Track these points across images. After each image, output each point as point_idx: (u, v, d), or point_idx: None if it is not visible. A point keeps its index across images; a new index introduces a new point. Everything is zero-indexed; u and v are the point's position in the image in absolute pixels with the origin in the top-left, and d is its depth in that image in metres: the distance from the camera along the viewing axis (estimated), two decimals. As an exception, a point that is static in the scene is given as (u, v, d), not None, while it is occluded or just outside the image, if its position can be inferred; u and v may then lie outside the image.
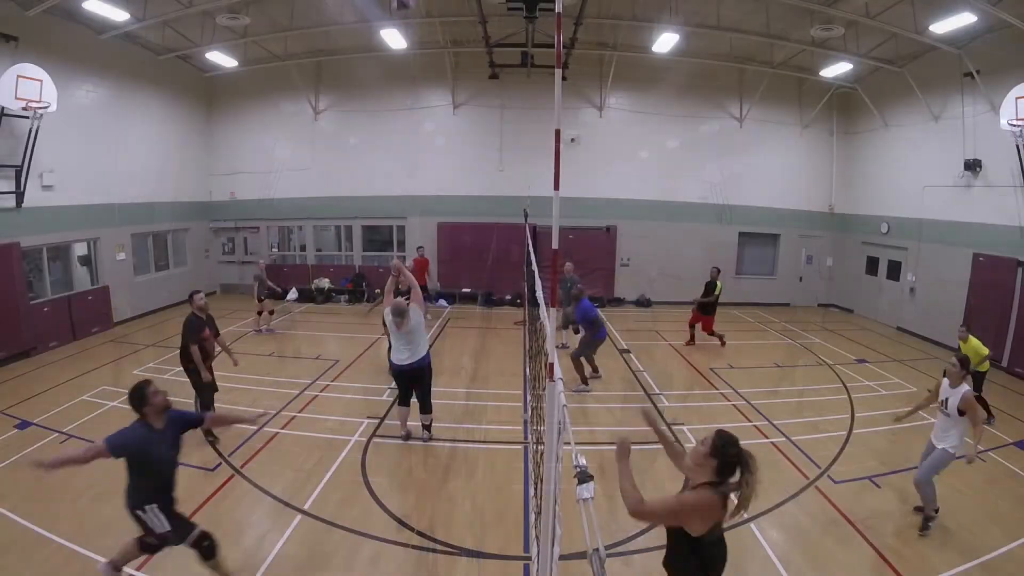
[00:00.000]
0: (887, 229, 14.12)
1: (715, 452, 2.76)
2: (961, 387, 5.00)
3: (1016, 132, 9.78)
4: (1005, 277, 10.54)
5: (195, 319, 6.72)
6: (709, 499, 2.70)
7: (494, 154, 15.64)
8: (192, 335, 6.63)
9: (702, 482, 2.78)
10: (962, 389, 4.98)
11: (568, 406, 2.58)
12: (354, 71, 15.42)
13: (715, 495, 2.71)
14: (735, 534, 5.07)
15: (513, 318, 14.01)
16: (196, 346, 6.62)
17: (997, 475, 6.29)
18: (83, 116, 11.76)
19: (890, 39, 11.85)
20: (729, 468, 2.75)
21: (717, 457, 2.75)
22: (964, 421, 4.96)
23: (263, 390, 8.58)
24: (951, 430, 5.03)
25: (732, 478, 2.76)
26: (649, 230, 15.73)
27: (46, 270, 11.24)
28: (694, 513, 2.71)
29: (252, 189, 16.27)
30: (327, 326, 13.06)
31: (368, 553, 4.75)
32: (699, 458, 2.80)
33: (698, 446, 2.86)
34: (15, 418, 7.41)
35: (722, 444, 2.76)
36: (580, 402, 8.22)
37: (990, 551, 4.84)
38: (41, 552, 4.61)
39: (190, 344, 6.61)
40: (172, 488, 4.02)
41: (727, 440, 2.78)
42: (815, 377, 9.81)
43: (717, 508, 2.70)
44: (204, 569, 4.16)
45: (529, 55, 13.10)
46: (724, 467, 2.75)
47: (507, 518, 5.28)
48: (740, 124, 15.72)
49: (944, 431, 5.09)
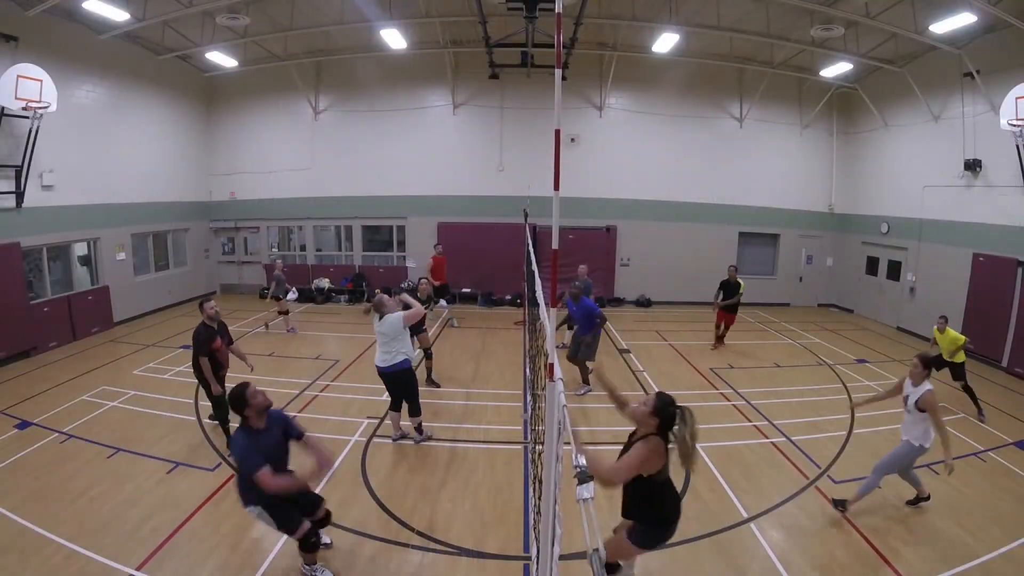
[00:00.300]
0: (887, 229, 14.12)
1: (656, 411, 3.44)
2: (923, 386, 5.08)
3: (1016, 132, 9.78)
4: (1005, 277, 10.55)
5: (204, 329, 6.37)
6: (656, 443, 3.40)
7: (494, 154, 15.64)
8: (201, 347, 6.30)
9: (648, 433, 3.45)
10: (923, 388, 5.06)
11: (568, 406, 2.58)
12: (354, 71, 15.43)
13: (660, 440, 3.41)
14: (735, 534, 5.09)
15: (513, 318, 14.01)
16: (206, 358, 6.30)
17: (997, 475, 6.29)
18: (83, 116, 11.77)
19: (890, 39, 11.85)
20: (668, 423, 3.44)
21: (658, 416, 3.43)
22: (928, 418, 5.03)
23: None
24: (916, 425, 5.14)
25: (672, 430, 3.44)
26: (649, 230, 15.73)
27: (46, 270, 11.24)
28: (651, 456, 3.36)
29: (252, 189, 16.28)
30: (327, 326, 13.06)
31: (368, 553, 4.75)
32: (643, 416, 3.49)
33: (640, 405, 3.54)
34: (15, 418, 7.41)
35: (662, 405, 3.46)
36: (580, 402, 8.23)
37: (990, 551, 4.84)
38: (41, 552, 4.61)
39: (200, 356, 6.29)
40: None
41: (666, 400, 3.48)
42: (815, 377, 9.81)
43: (663, 450, 3.41)
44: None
45: (529, 55, 13.10)
46: (664, 423, 3.44)
47: (507, 518, 5.29)
48: (740, 124, 15.72)
49: (909, 427, 5.23)
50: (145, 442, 6.73)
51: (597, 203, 15.57)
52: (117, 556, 4.55)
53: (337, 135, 15.86)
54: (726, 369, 10.10)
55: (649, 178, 15.71)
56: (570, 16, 10.94)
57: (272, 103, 15.99)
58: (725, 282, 11.52)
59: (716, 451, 6.75)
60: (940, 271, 12.29)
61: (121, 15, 10.62)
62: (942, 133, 12.25)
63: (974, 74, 11.00)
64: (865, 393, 8.61)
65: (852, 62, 12.91)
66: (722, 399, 8.60)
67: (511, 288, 15.56)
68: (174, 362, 9.96)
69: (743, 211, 15.89)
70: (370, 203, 16.02)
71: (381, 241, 16.88)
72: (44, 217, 10.90)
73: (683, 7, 11.84)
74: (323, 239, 17.31)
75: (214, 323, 6.49)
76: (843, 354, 11.30)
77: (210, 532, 4.95)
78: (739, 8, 11.85)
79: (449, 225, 15.75)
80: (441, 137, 15.67)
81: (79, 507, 5.31)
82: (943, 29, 10.30)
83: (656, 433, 3.43)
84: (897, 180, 13.77)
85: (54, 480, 5.75)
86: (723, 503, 5.62)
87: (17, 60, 9.68)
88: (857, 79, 14.34)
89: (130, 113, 13.18)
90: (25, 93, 9.54)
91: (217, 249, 16.91)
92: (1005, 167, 10.59)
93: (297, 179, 16.04)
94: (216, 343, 6.45)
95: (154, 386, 8.56)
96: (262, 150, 16.17)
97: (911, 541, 5.01)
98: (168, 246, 15.12)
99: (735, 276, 11.54)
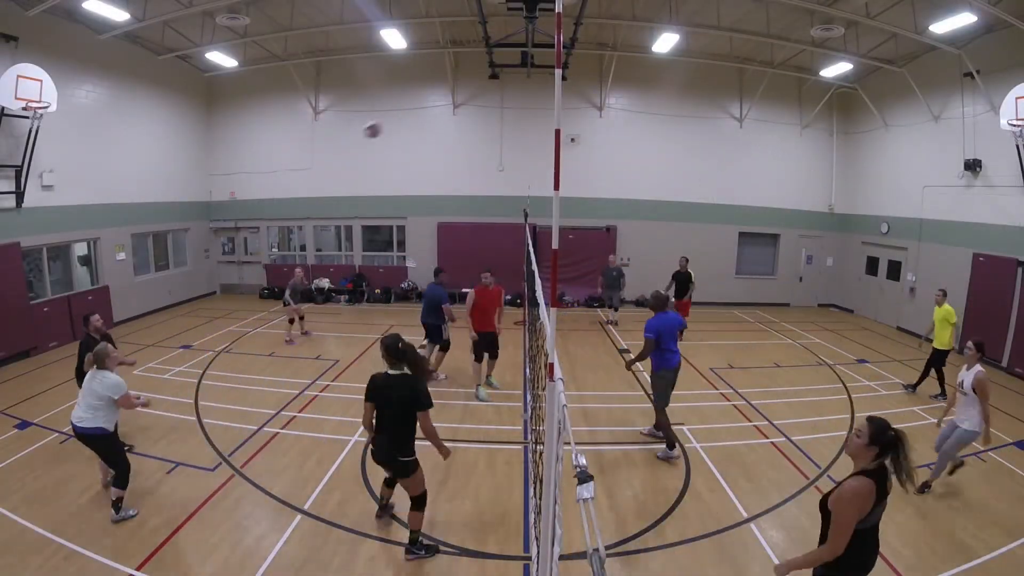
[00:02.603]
0: (887, 229, 14.12)
1: (873, 440, 2.92)
2: (975, 368, 5.39)
3: (1016, 132, 9.78)
4: (1005, 277, 10.54)
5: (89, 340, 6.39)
6: (866, 484, 2.88)
7: (494, 154, 15.65)
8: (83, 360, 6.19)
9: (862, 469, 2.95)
10: (975, 369, 5.38)
11: (568, 406, 2.58)
12: (354, 71, 15.43)
13: (870, 481, 2.88)
14: (736, 534, 5.08)
15: (513, 318, 14.01)
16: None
17: (997, 475, 6.29)
18: (83, 116, 11.77)
19: (890, 39, 11.85)
20: (888, 452, 2.93)
21: (876, 444, 2.92)
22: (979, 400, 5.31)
23: (263, 390, 8.58)
24: (970, 408, 5.39)
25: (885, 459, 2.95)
26: (649, 230, 15.74)
27: (46, 270, 11.25)
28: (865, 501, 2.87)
29: (252, 189, 16.29)
30: (327, 326, 13.06)
31: (368, 553, 4.75)
32: (858, 449, 2.96)
33: (854, 437, 3.00)
34: (15, 418, 7.41)
35: (878, 431, 2.93)
36: (580, 402, 8.22)
37: (990, 551, 4.84)
38: (41, 552, 4.60)
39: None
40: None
41: (882, 426, 2.95)
42: (815, 377, 9.81)
43: (874, 491, 2.88)
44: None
45: (529, 55, 13.10)
46: (884, 452, 2.93)
47: (507, 518, 5.28)
48: (740, 124, 15.73)
49: (964, 410, 5.47)
50: (145, 442, 6.73)
51: (597, 203, 15.57)
52: (117, 556, 4.55)
53: (337, 135, 15.86)
54: (726, 369, 10.10)
55: (649, 178, 15.71)
56: (570, 16, 10.95)
57: (272, 103, 16.00)
58: (677, 273, 11.48)
59: (716, 451, 6.75)
60: (940, 271, 12.28)
61: (121, 15, 10.63)
62: (942, 133, 12.25)
63: (974, 74, 11.00)
64: (898, 406, 8.61)
65: (852, 62, 12.91)
66: (722, 399, 8.60)
67: (511, 288, 15.53)
68: (174, 362, 9.97)
69: (743, 211, 15.89)
70: (370, 203, 16.02)
71: (381, 241, 16.88)
72: (44, 217, 10.90)
73: (683, 7, 11.84)
74: (323, 239, 17.32)
75: (98, 334, 6.66)
76: (843, 354, 11.29)
77: (210, 532, 4.95)
78: (739, 8, 11.85)
79: (449, 225, 15.76)
80: (441, 137, 15.68)
81: (79, 507, 5.30)
82: (943, 29, 10.30)
83: (870, 468, 2.93)
84: (897, 180, 13.77)
85: (54, 480, 5.74)
86: (723, 503, 5.61)
87: (17, 60, 9.68)
88: (857, 79, 14.34)
89: (130, 113, 13.19)
90: (25, 93, 9.54)
91: (217, 249, 16.92)
92: (1005, 167, 10.59)
93: (297, 179, 16.05)
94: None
95: (154, 386, 8.56)
96: (262, 150, 16.18)
97: (911, 541, 5.01)
98: (168, 246, 15.13)
99: (686, 267, 11.52)
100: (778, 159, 15.88)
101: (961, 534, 5.12)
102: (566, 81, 13.98)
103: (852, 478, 2.95)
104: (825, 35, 11.79)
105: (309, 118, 15.96)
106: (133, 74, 13.16)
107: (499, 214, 15.33)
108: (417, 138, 15.65)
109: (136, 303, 13.50)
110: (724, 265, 16.00)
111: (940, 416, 6.11)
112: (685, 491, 5.82)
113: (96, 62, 11.95)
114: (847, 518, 2.86)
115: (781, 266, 16.37)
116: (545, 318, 4.40)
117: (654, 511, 5.42)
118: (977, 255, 11.29)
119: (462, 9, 12.28)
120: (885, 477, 2.93)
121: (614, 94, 15.48)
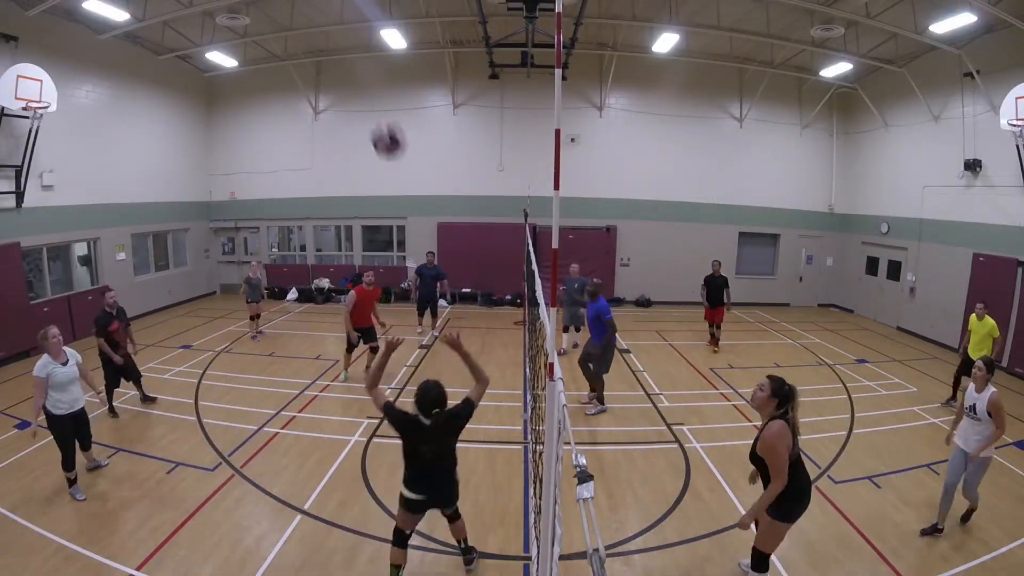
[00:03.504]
0: (887, 229, 14.12)
1: (774, 393, 3.76)
2: (988, 390, 4.91)
3: (1016, 132, 9.78)
4: (1005, 277, 10.54)
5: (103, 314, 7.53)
6: (782, 424, 3.70)
7: (494, 154, 15.65)
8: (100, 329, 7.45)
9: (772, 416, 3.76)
10: (988, 391, 4.89)
11: (568, 406, 2.58)
12: (354, 71, 15.43)
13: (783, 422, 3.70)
14: (736, 534, 5.08)
15: (513, 318, 14.02)
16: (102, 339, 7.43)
17: (997, 475, 6.28)
18: (83, 116, 11.76)
19: (890, 39, 11.85)
20: (786, 402, 3.75)
21: (776, 396, 3.76)
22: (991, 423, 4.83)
23: (263, 390, 8.58)
24: (981, 432, 4.90)
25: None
26: (649, 230, 15.74)
27: (46, 270, 11.25)
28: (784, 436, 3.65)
29: (252, 189, 16.28)
30: (327, 326, 13.05)
31: (368, 553, 4.74)
32: (762, 401, 3.81)
33: (757, 391, 3.84)
34: (15, 418, 7.43)
35: (777, 386, 3.78)
36: (580, 402, 8.21)
37: (990, 551, 4.84)
38: (41, 552, 4.60)
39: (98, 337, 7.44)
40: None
41: (780, 382, 3.80)
42: (815, 377, 9.81)
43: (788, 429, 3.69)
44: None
45: (529, 55, 13.10)
46: (783, 403, 3.75)
47: (507, 518, 5.28)
48: (740, 124, 15.73)
49: (974, 435, 4.95)
50: (145, 442, 6.74)
51: (597, 203, 15.57)
52: (117, 556, 4.55)
53: (337, 135, 15.86)
54: (726, 369, 10.10)
55: (649, 178, 15.71)
56: (570, 16, 10.95)
57: (272, 103, 16.00)
58: (711, 277, 11.34)
59: (716, 451, 6.75)
60: (940, 271, 12.29)
61: (121, 15, 10.63)
62: (942, 133, 12.25)
63: (974, 74, 11.00)
64: (898, 406, 8.60)
65: (852, 62, 12.91)
66: (722, 399, 8.60)
67: (511, 288, 15.56)
68: (174, 362, 9.97)
69: (743, 211, 15.89)
70: (370, 203, 16.02)
71: (381, 241, 16.88)
72: (44, 217, 10.90)
73: (683, 7, 11.84)
74: (323, 239, 17.31)
75: (113, 310, 7.62)
76: (843, 354, 11.29)
77: (210, 532, 4.95)
78: (739, 8, 11.85)
79: (449, 225, 15.76)
80: (441, 137, 15.67)
81: (79, 507, 5.31)
82: (943, 29, 10.29)
83: (776, 415, 3.74)
84: (897, 180, 13.77)
85: (54, 480, 5.74)
86: (723, 503, 5.61)
87: (17, 60, 9.68)
88: (857, 79, 14.34)
89: (130, 113, 13.18)
90: (25, 93, 9.54)
91: (217, 249, 16.91)
92: (1005, 167, 10.59)
93: (297, 179, 16.05)
94: (113, 325, 7.53)
95: (154, 386, 8.56)
96: (262, 150, 16.17)
97: (911, 541, 5.01)
98: (168, 246, 15.13)
99: (719, 270, 11.39)
100: (778, 159, 15.88)
101: (961, 534, 5.12)
102: (566, 81, 13.98)
103: (767, 425, 3.74)
104: (825, 35, 11.79)
105: (309, 118, 15.96)
106: (133, 74, 13.16)
107: (499, 214, 15.33)
108: (417, 138, 15.44)
109: (136, 303, 13.46)
110: (724, 265, 15.93)
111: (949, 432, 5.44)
112: (685, 491, 5.82)
113: (96, 62, 11.95)
114: (780, 453, 3.61)
115: (781, 266, 16.36)
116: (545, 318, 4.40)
117: (654, 511, 5.42)
118: (977, 255, 11.29)
119: (462, 9, 12.28)
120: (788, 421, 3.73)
121: (614, 94, 15.48)
